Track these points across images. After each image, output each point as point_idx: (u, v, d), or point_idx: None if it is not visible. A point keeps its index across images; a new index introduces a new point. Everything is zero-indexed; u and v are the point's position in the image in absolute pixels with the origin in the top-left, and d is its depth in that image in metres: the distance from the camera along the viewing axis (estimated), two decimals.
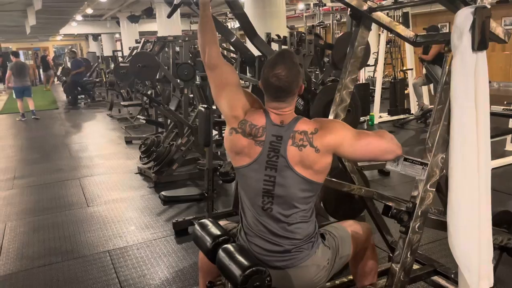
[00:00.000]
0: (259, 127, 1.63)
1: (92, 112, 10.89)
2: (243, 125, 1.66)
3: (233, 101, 1.72)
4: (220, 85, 1.78)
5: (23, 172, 5.58)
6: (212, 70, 1.81)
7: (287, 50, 2.00)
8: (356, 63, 2.24)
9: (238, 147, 1.66)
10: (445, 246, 2.91)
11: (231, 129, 1.69)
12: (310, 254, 1.66)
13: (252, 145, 1.63)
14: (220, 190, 4.29)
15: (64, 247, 3.30)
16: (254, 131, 1.63)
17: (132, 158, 5.86)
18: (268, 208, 1.63)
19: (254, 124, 1.64)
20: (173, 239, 3.34)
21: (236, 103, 1.71)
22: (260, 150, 1.62)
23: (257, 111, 1.69)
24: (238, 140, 1.66)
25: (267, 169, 1.62)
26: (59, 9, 9.09)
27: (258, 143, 1.62)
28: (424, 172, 1.65)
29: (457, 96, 1.56)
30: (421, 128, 6.86)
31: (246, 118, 1.67)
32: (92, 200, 4.34)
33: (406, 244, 1.67)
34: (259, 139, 1.62)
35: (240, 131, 1.66)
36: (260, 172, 1.63)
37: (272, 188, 1.62)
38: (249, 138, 1.64)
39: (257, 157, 1.62)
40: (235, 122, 1.68)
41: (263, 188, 1.63)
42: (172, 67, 6.14)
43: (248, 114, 1.68)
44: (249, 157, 1.64)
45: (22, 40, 23.58)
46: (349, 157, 1.73)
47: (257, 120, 1.65)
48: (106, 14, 15.93)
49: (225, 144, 1.72)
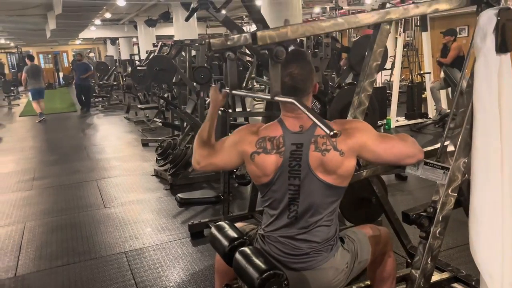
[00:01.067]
0: (278, 137, 1.60)
1: (109, 114, 11.03)
2: (262, 143, 1.61)
3: (237, 137, 1.68)
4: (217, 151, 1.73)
5: (42, 173, 5.67)
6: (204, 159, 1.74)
7: (299, 49, 1.97)
8: (375, 66, 2.21)
9: (269, 167, 1.59)
10: (465, 252, 2.86)
11: (251, 155, 1.61)
12: (328, 257, 1.64)
13: (278, 158, 1.59)
14: (236, 193, 4.29)
15: (82, 248, 3.34)
16: (275, 142, 1.59)
17: (148, 160, 5.91)
18: (293, 216, 1.61)
19: (273, 136, 1.60)
20: (188, 241, 3.34)
21: (241, 135, 1.67)
22: (281, 160, 1.58)
23: (269, 124, 1.66)
24: (264, 160, 1.59)
25: (290, 179, 1.59)
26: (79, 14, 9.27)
27: (281, 154, 1.59)
28: (446, 176, 1.62)
29: (481, 99, 1.52)
30: (439, 132, 6.75)
31: (261, 136, 1.62)
32: (109, 201, 4.38)
33: (426, 250, 1.63)
34: (281, 149, 1.58)
35: (261, 150, 1.60)
36: (284, 183, 1.60)
37: (297, 197, 1.59)
38: (273, 153, 1.59)
39: (279, 168, 1.59)
40: (252, 146, 1.62)
41: (288, 197, 1.60)
42: (188, 70, 6.18)
43: (260, 132, 1.63)
44: (274, 171, 1.60)
45: (42, 44, 24.08)
46: (371, 160, 1.70)
47: (273, 131, 1.61)
48: (124, 18, 16.14)
49: (254, 174, 1.64)
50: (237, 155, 1.67)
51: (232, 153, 1.69)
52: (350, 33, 10.35)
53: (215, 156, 1.73)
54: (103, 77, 13.47)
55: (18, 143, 7.80)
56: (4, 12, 10.28)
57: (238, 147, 1.66)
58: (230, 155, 1.70)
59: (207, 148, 1.76)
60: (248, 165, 1.65)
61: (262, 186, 1.66)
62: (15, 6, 9.39)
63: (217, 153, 1.73)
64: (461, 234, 2.99)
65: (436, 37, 6.25)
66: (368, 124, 1.66)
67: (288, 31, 1.37)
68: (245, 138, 1.66)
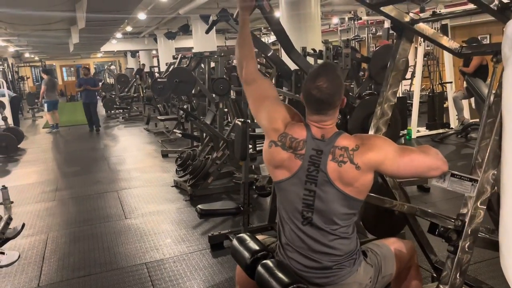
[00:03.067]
0: (300, 140, 1.61)
1: (129, 126, 11.19)
2: (284, 138, 1.64)
3: (273, 113, 1.71)
4: (259, 99, 1.78)
5: (65, 184, 5.77)
6: (250, 84, 1.82)
7: (330, 62, 1.98)
8: (398, 76, 2.19)
9: (277, 161, 1.64)
10: (494, 266, 2.77)
11: (270, 142, 1.67)
12: (352, 271, 1.61)
13: (292, 159, 1.61)
14: (256, 204, 4.27)
15: (103, 258, 3.36)
16: (294, 144, 1.61)
17: (168, 171, 5.95)
18: (307, 223, 1.60)
19: (295, 138, 1.62)
20: (208, 252, 3.33)
21: (275, 115, 1.70)
22: (300, 163, 1.59)
23: (297, 124, 1.67)
24: (277, 153, 1.63)
25: (306, 183, 1.59)
26: (101, 28, 9.47)
27: (298, 156, 1.60)
28: (474, 188, 1.57)
29: (510, 109, 1.48)
30: (461, 142, 6.62)
31: (286, 131, 1.65)
32: (130, 212, 4.41)
33: (455, 265, 1.58)
34: (299, 152, 1.60)
35: (280, 144, 1.63)
36: (299, 186, 1.60)
37: (312, 203, 1.59)
38: (289, 152, 1.61)
39: (297, 170, 1.60)
40: (275, 135, 1.66)
41: (303, 202, 1.60)
42: (207, 82, 6.23)
43: (288, 127, 1.66)
44: (289, 171, 1.62)
45: (65, 57, 24.71)
46: (392, 175, 1.68)
47: (298, 133, 1.63)
48: (144, 31, 16.46)
49: (264, 157, 1.71)
50: (261, 124, 1.75)
51: (259, 117, 1.76)
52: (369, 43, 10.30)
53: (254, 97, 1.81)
54: (124, 89, 13.70)
55: (42, 154, 7.97)
56: (29, 27, 10.60)
57: (265, 123, 1.72)
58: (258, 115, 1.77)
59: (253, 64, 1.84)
60: (265, 142, 1.70)
61: (278, 184, 1.67)
62: (40, 21, 9.68)
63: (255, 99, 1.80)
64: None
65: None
66: (388, 139, 1.64)
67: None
68: (276, 121, 1.68)
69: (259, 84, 1.81)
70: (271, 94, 1.79)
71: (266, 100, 1.76)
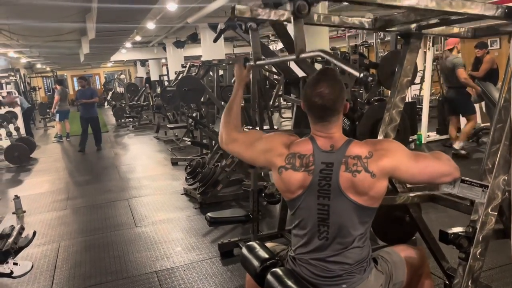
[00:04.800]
0: (308, 155, 1.57)
1: (139, 134, 11.27)
2: (291, 158, 1.59)
3: (270, 144, 1.67)
4: (249, 146, 1.75)
5: (76, 192, 5.82)
6: (232, 143, 1.79)
7: (329, 67, 1.96)
8: (405, 82, 2.18)
9: (294, 184, 1.58)
10: (506, 273, 2.73)
11: (279, 168, 1.61)
12: (362, 278, 1.59)
13: (306, 176, 1.57)
14: (265, 212, 4.26)
15: (114, 267, 3.38)
16: (305, 161, 1.57)
17: (178, 179, 5.97)
18: (324, 237, 1.57)
19: (303, 154, 1.58)
20: (218, 260, 3.33)
21: (273, 144, 1.66)
22: (310, 179, 1.56)
23: (301, 140, 1.63)
24: (291, 176, 1.58)
25: (319, 198, 1.56)
26: (111, 37, 9.59)
27: (309, 172, 1.56)
28: (485, 194, 1.55)
29: None
30: (472, 147, 6.55)
31: (291, 151, 1.61)
32: (140, 220, 4.43)
33: (466, 272, 1.56)
34: (310, 168, 1.56)
35: (290, 166, 1.59)
36: (313, 202, 1.57)
37: (327, 217, 1.56)
38: (301, 171, 1.57)
39: (308, 186, 1.56)
40: (281, 160, 1.61)
41: (318, 217, 1.57)
42: (216, 89, 6.27)
43: (292, 147, 1.62)
44: (301, 188, 1.58)
45: (76, 67, 25.05)
46: (405, 181, 1.66)
47: (304, 148, 1.59)
48: (153, 40, 16.62)
49: (279, 187, 1.65)
50: (265, 161, 1.69)
51: (260, 158, 1.71)
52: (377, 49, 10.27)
53: (244, 149, 1.76)
54: (133, 98, 13.83)
55: (53, 163, 8.06)
56: (40, 39, 10.78)
57: (267, 156, 1.66)
58: (258, 158, 1.72)
59: (234, 130, 1.79)
60: (274, 175, 1.66)
61: (290, 202, 1.65)
62: (51, 32, 9.85)
63: (246, 148, 1.75)
64: (501, 253, 2.85)
65: (466, 50, 6.13)
66: (400, 144, 1.61)
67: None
68: (276, 148, 1.64)
69: (242, 137, 1.78)
70: (258, 135, 1.75)
71: (256, 141, 1.73)
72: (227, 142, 1.80)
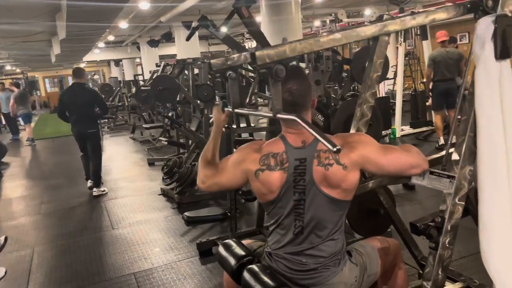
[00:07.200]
0: (281, 152, 1.60)
1: (115, 135, 11.10)
2: (265, 159, 1.61)
3: (240, 155, 1.68)
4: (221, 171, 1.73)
5: (50, 196, 5.69)
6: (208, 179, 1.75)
7: (295, 65, 1.98)
8: (376, 77, 2.21)
9: (274, 184, 1.59)
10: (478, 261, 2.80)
11: (256, 172, 1.61)
12: (337, 271, 1.62)
13: (282, 174, 1.59)
14: (243, 209, 4.27)
15: (91, 270, 3.33)
16: (278, 158, 1.60)
17: (155, 179, 5.92)
18: (299, 231, 1.60)
19: (276, 153, 1.61)
20: (197, 260, 3.32)
21: (244, 153, 1.68)
22: (285, 176, 1.58)
23: (271, 141, 1.67)
24: (268, 176, 1.59)
25: (295, 194, 1.59)
26: (83, 37, 9.39)
27: (284, 170, 1.59)
28: (452, 185, 1.60)
29: (483, 106, 1.52)
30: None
31: (263, 153, 1.63)
32: (117, 222, 4.38)
33: (436, 261, 1.61)
34: (285, 166, 1.58)
35: (265, 167, 1.61)
36: (289, 198, 1.60)
37: (303, 212, 1.59)
38: (277, 169, 1.59)
39: (284, 183, 1.59)
40: (255, 164, 1.62)
41: (294, 212, 1.60)
42: (192, 88, 6.23)
43: (263, 149, 1.64)
44: (280, 187, 1.60)
45: (48, 68, 24.42)
46: (375, 172, 1.70)
47: (275, 147, 1.62)
48: (127, 40, 16.37)
49: (259, 191, 1.64)
50: (242, 174, 1.67)
51: (236, 172, 1.69)
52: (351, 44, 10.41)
53: (219, 176, 1.73)
54: (108, 99, 13.59)
55: (26, 167, 7.87)
56: (9, 40, 10.47)
57: (242, 166, 1.66)
58: (234, 174, 1.69)
59: (212, 167, 1.76)
60: (253, 183, 1.65)
61: (268, 204, 1.66)
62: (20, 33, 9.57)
63: (221, 173, 1.73)
64: (473, 242, 2.94)
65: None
66: (370, 137, 1.66)
67: (286, 49, 1.39)
68: (248, 156, 1.66)
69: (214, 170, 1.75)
70: (226, 159, 1.74)
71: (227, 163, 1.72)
72: (204, 181, 1.75)
